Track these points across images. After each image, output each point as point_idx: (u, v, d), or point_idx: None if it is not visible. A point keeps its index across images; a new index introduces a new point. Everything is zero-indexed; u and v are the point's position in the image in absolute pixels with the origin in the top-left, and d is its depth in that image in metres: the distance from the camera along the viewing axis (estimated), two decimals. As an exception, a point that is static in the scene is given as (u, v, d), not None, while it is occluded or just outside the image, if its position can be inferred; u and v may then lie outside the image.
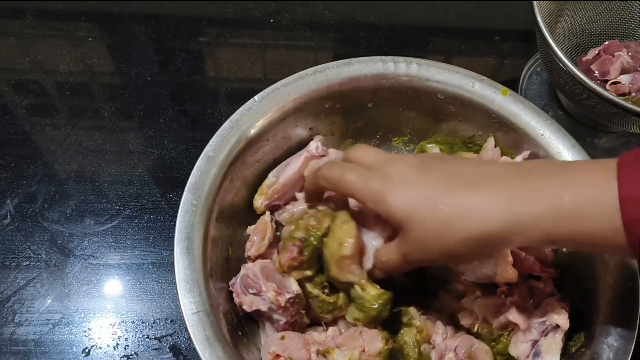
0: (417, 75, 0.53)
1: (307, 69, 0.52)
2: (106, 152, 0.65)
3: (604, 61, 0.64)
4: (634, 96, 0.62)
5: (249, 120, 0.50)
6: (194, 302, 0.42)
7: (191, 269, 0.43)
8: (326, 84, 0.52)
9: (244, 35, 0.76)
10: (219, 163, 0.48)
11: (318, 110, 0.54)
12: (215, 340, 0.41)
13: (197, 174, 0.47)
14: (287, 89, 0.52)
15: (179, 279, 0.42)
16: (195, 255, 0.44)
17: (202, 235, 0.45)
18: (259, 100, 0.51)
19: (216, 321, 0.42)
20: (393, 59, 0.53)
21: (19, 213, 0.60)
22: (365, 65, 0.53)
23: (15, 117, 0.67)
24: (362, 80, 0.53)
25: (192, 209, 0.45)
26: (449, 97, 0.53)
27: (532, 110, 0.52)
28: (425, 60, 0.53)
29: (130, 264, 0.58)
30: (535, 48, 0.64)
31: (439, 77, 0.53)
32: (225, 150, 0.49)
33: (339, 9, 0.78)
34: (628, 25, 0.66)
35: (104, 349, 0.54)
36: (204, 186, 0.47)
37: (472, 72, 0.53)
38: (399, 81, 0.53)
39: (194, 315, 0.41)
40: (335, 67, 0.53)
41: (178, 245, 0.43)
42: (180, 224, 0.44)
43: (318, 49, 0.76)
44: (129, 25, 0.75)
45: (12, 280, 0.56)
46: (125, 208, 0.61)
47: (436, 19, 0.79)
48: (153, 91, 0.69)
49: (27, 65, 0.71)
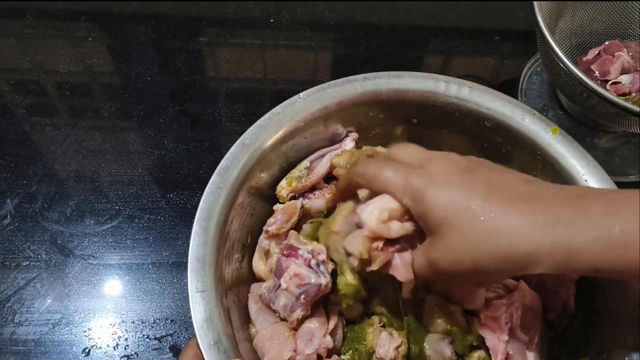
0: (467, 99, 0.52)
1: (356, 75, 0.52)
2: (106, 152, 0.65)
3: (604, 61, 0.64)
4: (634, 96, 0.62)
5: (290, 115, 0.50)
6: (201, 282, 0.42)
7: (204, 249, 0.43)
8: (373, 92, 0.52)
9: (244, 35, 0.76)
10: (252, 151, 0.48)
11: (361, 117, 0.54)
12: (217, 321, 0.40)
13: (230, 159, 0.47)
14: (334, 91, 0.51)
15: (191, 256, 0.42)
16: (210, 237, 0.44)
17: (222, 219, 0.45)
18: (304, 97, 0.51)
19: (219, 303, 0.42)
20: (445, 79, 0.52)
21: (19, 213, 0.60)
22: (416, 80, 0.53)
23: (15, 117, 0.67)
24: (410, 94, 0.53)
25: (218, 192, 0.45)
26: (497, 126, 0.52)
27: (579, 153, 0.50)
28: (478, 85, 0.52)
29: (130, 264, 0.58)
30: (535, 48, 0.63)
31: (490, 105, 0.52)
32: (260, 141, 0.48)
33: (339, 9, 0.78)
34: (628, 25, 0.66)
35: (104, 349, 0.54)
36: (233, 171, 0.47)
37: (524, 105, 0.52)
38: (447, 102, 0.52)
39: (197, 293, 0.41)
40: (386, 77, 0.53)
41: (197, 224, 0.44)
42: (203, 204, 0.45)
43: (318, 49, 0.76)
44: (129, 25, 0.75)
45: (12, 280, 0.56)
46: (125, 208, 0.61)
47: (436, 19, 0.79)
48: (153, 91, 0.69)
49: (27, 65, 0.71)
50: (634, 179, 0.65)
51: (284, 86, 0.71)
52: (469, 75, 0.74)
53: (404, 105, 0.53)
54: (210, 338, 0.39)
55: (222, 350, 0.39)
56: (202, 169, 0.64)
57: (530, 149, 0.52)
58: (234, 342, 0.41)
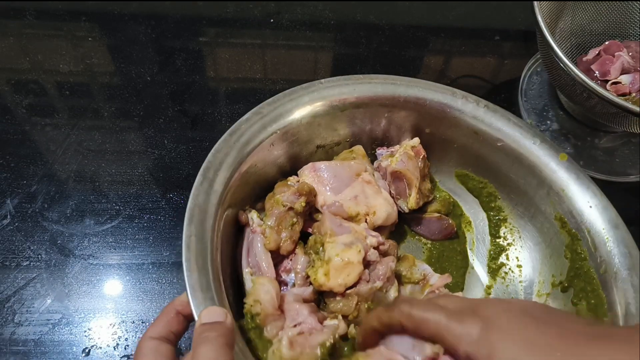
0: (482, 118, 0.54)
1: (377, 75, 0.54)
2: (106, 152, 0.65)
3: (604, 61, 0.64)
4: (634, 96, 0.62)
5: (310, 96, 0.52)
6: (195, 229, 0.42)
7: (205, 195, 0.44)
8: (392, 94, 0.54)
9: (244, 35, 0.76)
10: (265, 118, 0.50)
11: (377, 114, 0.55)
12: (201, 266, 0.41)
13: (243, 122, 0.50)
14: (354, 86, 0.53)
15: (189, 206, 0.43)
16: (214, 189, 0.45)
17: (226, 175, 0.47)
18: (325, 84, 0.53)
19: (210, 252, 0.42)
20: (463, 94, 0.54)
21: (19, 213, 0.60)
22: (434, 93, 0.54)
23: (15, 117, 0.67)
24: (427, 102, 0.54)
25: (226, 150, 0.48)
26: (507, 147, 0.54)
27: (587, 180, 0.51)
28: (494, 105, 0.54)
29: (130, 264, 0.58)
30: (536, 48, 0.64)
31: (500, 126, 0.53)
32: (277, 112, 0.51)
33: (339, 9, 0.78)
34: (628, 25, 0.66)
35: (104, 349, 0.54)
36: (245, 133, 0.49)
37: (536, 129, 0.54)
38: (461, 117, 0.54)
39: (190, 237, 0.42)
40: (406, 83, 0.54)
41: (200, 174, 0.45)
42: (207, 162, 0.46)
43: (318, 49, 0.76)
44: (129, 25, 0.75)
45: (12, 280, 0.56)
46: (125, 208, 0.61)
47: (436, 19, 0.79)
48: (153, 91, 0.69)
49: (27, 65, 0.71)
50: (634, 179, 0.65)
51: (284, 86, 0.71)
52: (469, 75, 0.74)
53: (420, 113, 0.55)
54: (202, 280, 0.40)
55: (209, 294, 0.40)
56: (202, 169, 0.64)
57: (537, 175, 0.53)
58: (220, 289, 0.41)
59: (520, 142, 0.53)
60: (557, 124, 0.68)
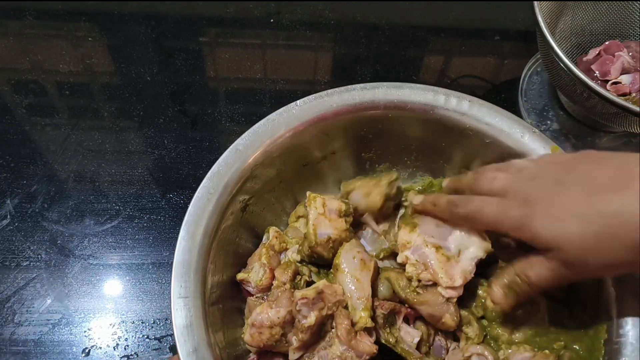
0: (466, 113, 0.51)
1: (355, 85, 0.52)
2: (106, 152, 0.65)
3: (604, 61, 0.64)
4: (634, 96, 0.62)
5: (285, 123, 0.49)
6: (184, 287, 0.41)
7: (190, 254, 0.42)
8: (371, 103, 0.52)
9: (244, 35, 0.76)
10: (245, 159, 0.47)
11: (358, 128, 0.53)
12: (197, 328, 0.40)
13: (222, 164, 0.46)
14: (331, 99, 0.51)
15: (176, 262, 0.42)
16: (197, 242, 0.43)
17: (211, 225, 0.44)
18: (301, 105, 0.50)
19: (202, 310, 0.41)
20: (445, 92, 0.52)
21: (19, 213, 0.60)
22: (415, 92, 0.52)
23: (15, 117, 0.67)
24: (408, 106, 0.52)
25: (207, 197, 0.45)
26: (495, 143, 0.52)
27: None
28: (478, 100, 0.52)
29: (130, 264, 0.58)
30: (536, 48, 0.63)
31: (489, 120, 0.51)
32: (255, 147, 0.48)
33: (339, 9, 0.78)
34: (628, 25, 0.66)
35: (104, 349, 0.54)
36: (224, 177, 0.46)
37: (525, 122, 0.51)
38: (446, 115, 0.52)
39: (180, 299, 0.41)
40: (385, 88, 0.52)
41: (184, 228, 0.43)
42: (192, 208, 0.44)
43: (318, 49, 0.76)
44: (129, 25, 0.75)
45: (12, 280, 0.56)
46: (125, 208, 0.61)
47: (436, 19, 0.79)
48: (153, 91, 0.69)
49: (27, 65, 0.71)
50: (634, 179, 0.65)
51: (284, 86, 0.71)
52: (469, 75, 0.74)
53: (403, 117, 0.53)
54: (189, 345, 0.39)
55: (200, 357, 0.39)
56: (202, 169, 0.64)
57: None
58: (213, 351, 0.41)
59: (510, 136, 0.51)
60: (557, 124, 0.68)
